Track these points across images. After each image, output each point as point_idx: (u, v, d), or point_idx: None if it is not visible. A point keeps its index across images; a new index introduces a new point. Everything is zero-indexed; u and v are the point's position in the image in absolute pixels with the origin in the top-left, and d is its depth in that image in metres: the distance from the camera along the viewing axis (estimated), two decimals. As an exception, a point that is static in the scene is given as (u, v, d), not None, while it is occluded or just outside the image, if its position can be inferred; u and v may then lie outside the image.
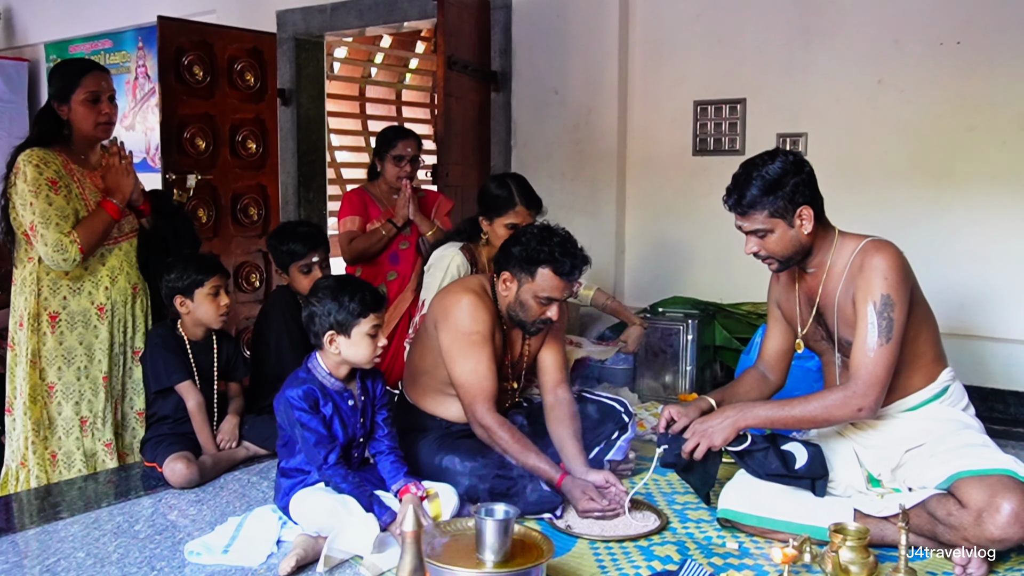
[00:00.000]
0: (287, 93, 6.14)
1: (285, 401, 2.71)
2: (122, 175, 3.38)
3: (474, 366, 2.84)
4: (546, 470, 2.75)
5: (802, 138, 4.60)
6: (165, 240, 3.59)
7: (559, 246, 2.83)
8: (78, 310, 3.37)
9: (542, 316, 2.88)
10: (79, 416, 3.37)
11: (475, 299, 2.90)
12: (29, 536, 2.73)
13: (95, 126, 3.38)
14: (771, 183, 2.56)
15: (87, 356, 3.39)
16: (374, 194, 4.27)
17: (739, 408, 2.67)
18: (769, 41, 4.69)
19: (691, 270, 5.00)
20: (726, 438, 2.63)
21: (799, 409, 2.59)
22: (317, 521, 2.53)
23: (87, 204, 3.32)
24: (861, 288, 2.55)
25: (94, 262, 3.39)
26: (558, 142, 5.23)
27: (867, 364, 2.51)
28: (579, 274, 2.88)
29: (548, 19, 5.18)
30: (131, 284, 3.49)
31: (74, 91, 3.33)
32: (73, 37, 7.43)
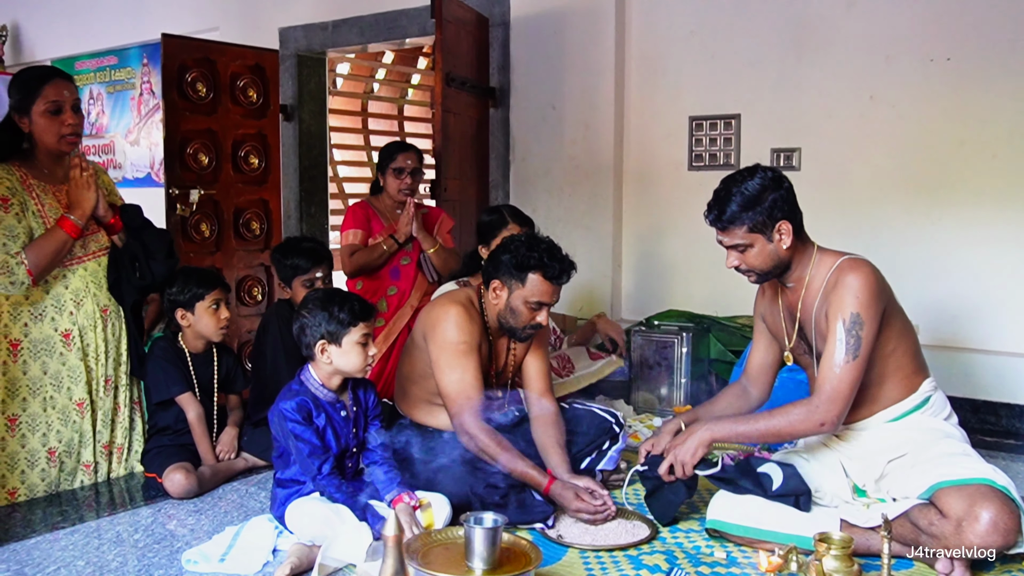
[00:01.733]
0: (289, 109, 6.21)
1: (279, 413, 2.76)
2: (83, 189, 3.17)
3: (461, 375, 2.90)
4: (534, 476, 2.81)
5: (795, 153, 4.65)
6: (136, 258, 3.40)
7: (546, 252, 2.92)
8: (40, 338, 3.19)
9: (532, 321, 2.95)
10: (46, 448, 3.22)
11: (462, 310, 2.97)
12: (30, 545, 2.78)
13: (59, 138, 3.17)
14: (750, 199, 2.61)
15: (54, 386, 3.22)
16: (377, 208, 4.32)
17: (706, 425, 2.73)
18: (763, 57, 4.75)
19: (686, 283, 5.04)
20: (696, 455, 2.69)
21: (764, 424, 2.64)
22: (311, 530, 2.58)
23: (46, 222, 3.14)
24: (833, 305, 2.60)
25: (57, 285, 3.21)
26: (555, 157, 5.29)
27: (832, 379, 2.56)
28: (567, 278, 2.96)
29: (546, 36, 5.25)
30: (99, 307, 3.30)
31: (34, 102, 3.12)
32: (79, 54, 7.52)
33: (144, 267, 3.39)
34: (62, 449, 3.25)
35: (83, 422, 3.28)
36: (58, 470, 3.25)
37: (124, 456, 3.44)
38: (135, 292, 3.42)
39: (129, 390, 3.45)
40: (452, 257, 4.27)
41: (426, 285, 4.28)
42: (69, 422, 3.25)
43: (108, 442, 3.39)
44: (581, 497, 2.76)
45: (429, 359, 2.97)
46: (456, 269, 4.29)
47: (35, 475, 3.21)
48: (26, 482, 3.19)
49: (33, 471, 3.20)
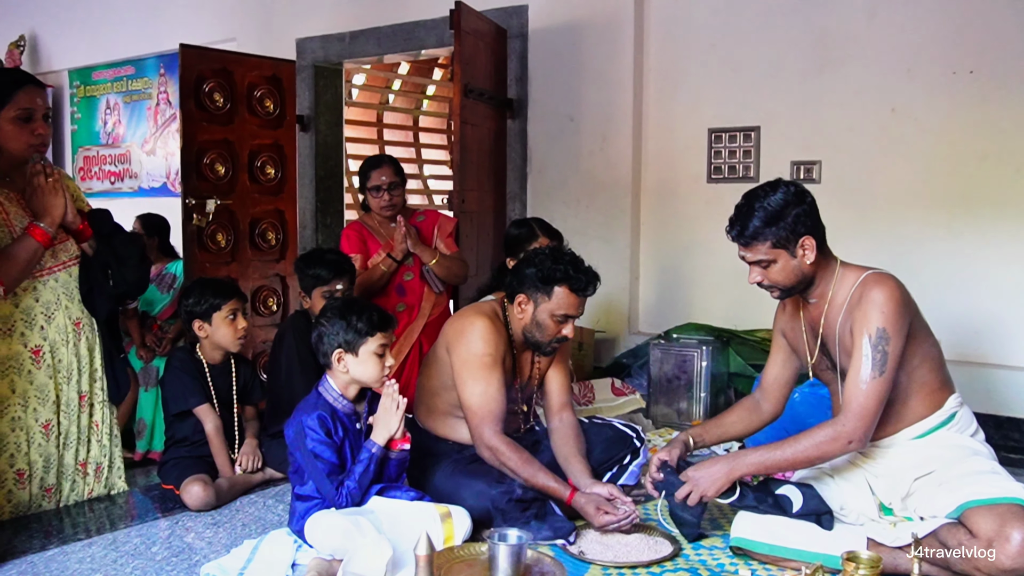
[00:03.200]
0: (306, 119, 6.21)
1: (299, 429, 2.74)
2: (50, 195, 2.99)
3: (484, 388, 2.88)
4: (556, 488, 2.79)
5: (816, 166, 4.62)
6: (108, 266, 3.24)
7: (571, 264, 2.91)
8: (9, 355, 3.03)
9: (558, 334, 2.93)
10: (15, 469, 3.07)
11: (487, 322, 2.96)
12: (48, 556, 2.76)
13: (27, 147, 3.01)
14: (773, 214, 2.58)
15: (22, 405, 3.07)
16: (370, 226, 4.23)
17: (732, 458, 2.68)
18: (783, 70, 4.73)
19: (704, 297, 5.01)
20: (719, 489, 2.65)
21: (791, 450, 2.59)
22: (331, 544, 2.55)
23: (12, 231, 2.99)
24: (858, 320, 2.56)
25: (26, 297, 3.05)
26: (573, 169, 5.27)
27: (858, 396, 2.52)
28: (593, 290, 2.94)
29: (564, 47, 5.24)
30: (71, 320, 3.17)
31: (4, 107, 2.95)
32: (96, 64, 7.56)
33: (117, 275, 3.25)
34: (31, 471, 3.11)
35: (48, 445, 3.14)
36: (27, 492, 3.10)
37: (104, 475, 3.33)
38: (109, 301, 3.28)
39: (107, 406, 3.33)
40: (455, 264, 4.21)
41: (434, 296, 4.23)
42: (35, 444, 3.11)
43: (84, 460, 3.27)
44: (603, 509, 2.73)
45: (452, 371, 2.95)
46: (462, 274, 4.27)
47: (1, 496, 3.05)
48: None
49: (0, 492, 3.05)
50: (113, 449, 3.37)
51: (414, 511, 2.66)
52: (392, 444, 2.75)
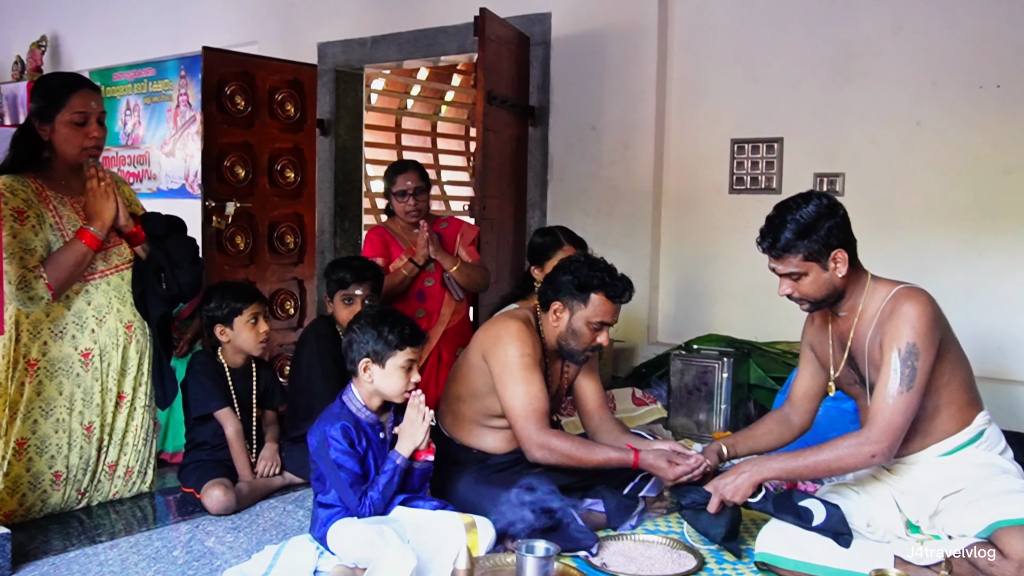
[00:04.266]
0: (326, 124, 6.22)
1: (322, 438, 2.73)
2: (101, 199, 3.01)
3: (527, 388, 2.87)
4: (619, 456, 2.83)
5: (839, 178, 4.60)
6: (161, 269, 3.22)
7: (607, 271, 2.92)
8: (59, 357, 3.04)
9: (593, 342, 2.93)
10: (53, 470, 3.08)
11: (523, 326, 2.97)
12: (69, 558, 2.76)
13: (81, 150, 3.04)
14: (805, 226, 2.56)
15: (67, 407, 3.08)
16: (394, 231, 4.23)
17: (755, 463, 2.68)
18: (806, 81, 4.71)
19: (724, 308, 4.99)
20: (744, 494, 2.64)
21: (812, 458, 2.58)
22: (355, 552, 2.54)
23: (64, 235, 3.00)
24: (888, 334, 2.55)
25: (78, 300, 3.06)
26: (594, 177, 5.26)
27: (885, 410, 2.50)
28: (628, 297, 2.95)
29: (586, 56, 5.23)
30: (123, 323, 3.17)
31: (60, 110, 2.99)
32: (117, 65, 7.58)
33: (170, 277, 3.21)
34: (68, 473, 3.12)
35: (89, 447, 3.15)
36: (61, 494, 3.12)
37: (133, 478, 3.32)
38: (162, 305, 3.26)
39: (148, 411, 3.32)
40: (476, 272, 4.20)
41: (455, 303, 4.23)
42: (76, 447, 3.12)
43: (114, 462, 3.25)
44: (675, 462, 2.77)
45: (488, 378, 2.95)
46: (483, 282, 4.26)
47: (35, 497, 3.06)
48: (24, 504, 3.04)
49: (33, 494, 3.05)
50: (148, 454, 3.36)
51: (438, 520, 2.64)
52: (416, 455, 2.74)
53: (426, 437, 2.73)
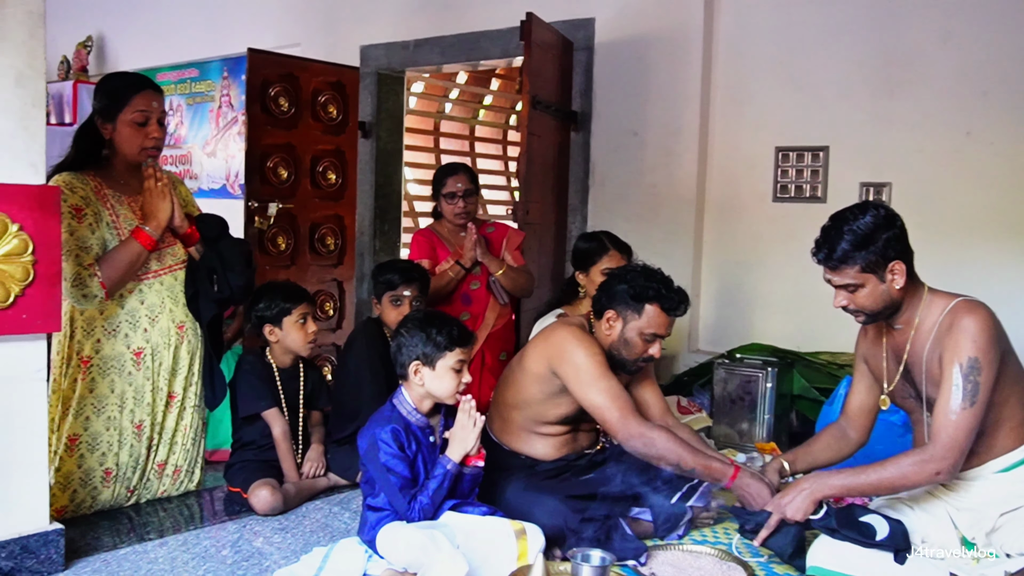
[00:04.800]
0: (367, 126, 6.24)
1: (372, 441, 2.73)
2: (158, 199, 3.03)
3: (607, 384, 2.86)
4: (719, 467, 2.80)
5: (886, 188, 4.56)
6: (213, 271, 3.23)
7: (664, 283, 2.90)
8: (112, 355, 3.07)
9: (645, 354, 2.92)
10: (103, 467, 3.11)
11: (582, 331, 2.97)
12: (120, 555, 2.78)
13: (140, 150, 3.08)
14: (862, 238, 2.54)
15: (118, 405, 3.11)
16: (441, 234, 4.24)
17: (814, 480, 2.65)
18: (853, 90, 4.67)
19: (766, 317, 4.96)
20: (805, 512, 2.61)
21: (875, 475, 2.55)
22: (406, 556, 2.54)
23: (120, 234, 3.03)
24: (949, 348, 2.51)
25: (132, 299, 3.09)
26: (635, 184, 5.24)
27: (948, 427, 2.47)
28: (683, 310, 2.93)
29: (630, 62, 5.22)
30: (175, 323, 3.19)
31: (122, 110, 3.03)
32: (161, 65, 7.65)
33: (222, 279, 3.23)
34: (118, 471, 3.15)
35: (140, 445, 3.18)
36: (111, 491, 3.15)
37: (180, 477, 3.34)
38: (214, 306, 3.28)
39: (198, 411, 3.34)
40: (521, 276, 4.20)
41: (499, 307, 4.23)
42: (127, 445, 3.15)
43: (163, 461, 3.27)
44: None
45: (552, 387, 2.94)
46: (528, 287, 4.25)
47: (85, 493, 3.09)
48: (75, 500, 3.07)
49: (84, 490, 3.08)
50: (196, 454, 3.38)
51: (488, 526, 2.63)
52: (467, 460, 2.74)
53: (477, 443, 2.72)
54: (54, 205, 2.57)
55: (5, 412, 2.53)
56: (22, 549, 2.55)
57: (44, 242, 2.53)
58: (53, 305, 2.57)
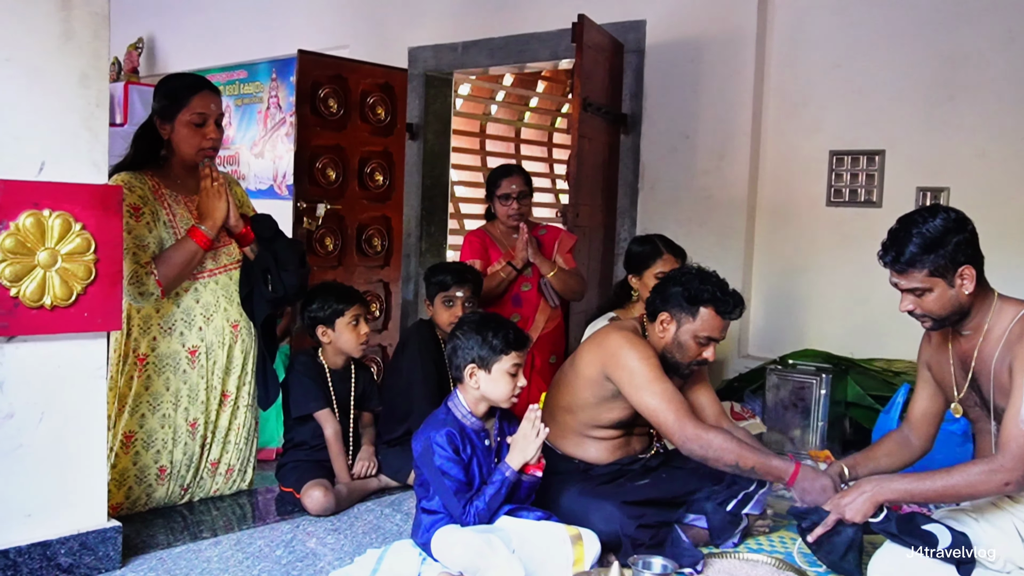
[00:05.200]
0: (415, 128, 6.25)
1: (426, 444, 2.72)
2: (214, 199, 3.07)
3: (663, 387, 2.83)
4: (780, 466, 2.75)
5: (944, 192, 4.47)
6: (268, 270, 3.25)
7: (719, 286, 2.87)
8: (168, 353, 3.10)
9: (699, 357, 2.87)
10: (158, 465, 3.14)
11: (635, 335, 2.94)
12: (175, 553, 2.80)
13: (197, 151, 3.12)
14: (932, 241, 2.47)
15: (173, 403, 3.13)
16: (493, 235, 4.25)
17: (877, 482, 2.59)
18: (911, 93, 4.58)
19: (818, 322, 4.88)
20: (865, 514, 2.55)
21: (941, 482, 2.48)
22: (462, 561, 2.52)
23: (176, 233, 3.07)
24: (1019, 357, 2.45)
25: (187, 298, 3.12)
26: (686, 187, 5.19)
27: (1018, 437, 2.40)
28: (739, 314, 2.89)
29: (681, 64, 5.17)
30: (230, 322, 3.22)
31: (181, 110, 3.07)
32: (210, 67, 7.72)
33: (276, 279, 3.24)
34: (172, 469, 3.18)
35: (193, 443, 3.20)
36: (166, 489, 3.18)
37: (233, 476, 3.36)
38: (267, 306, 3.29)
39: (251, 410, 3.36)
40: (573, 279, 4.18)
41: (549, 310, 4.21)
42: (181, 443, 3.17)
43: (217, 460, 3.29)
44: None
45: (606, 392, 2.91)
46: (579, 290, 4.22)
47: (141, 491, 3.12)
48: (130, 497, 3.10)
49: (139, 487, 3.11)
50: (248, 453, 3.39)
51: (544, 531, 2.61)
52: (526, 469, 2.71)
53: (538, 452, 2.70)
54: (116, 204, 2.59)
55: (66, 409, 2.56)
56: (81, 546, 2.57)
57: (106, 241, 2.55)
58: (114, 304, 2.59)
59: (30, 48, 2.44)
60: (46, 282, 2.44)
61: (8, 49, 2.40)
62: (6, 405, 2.44)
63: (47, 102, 2.47)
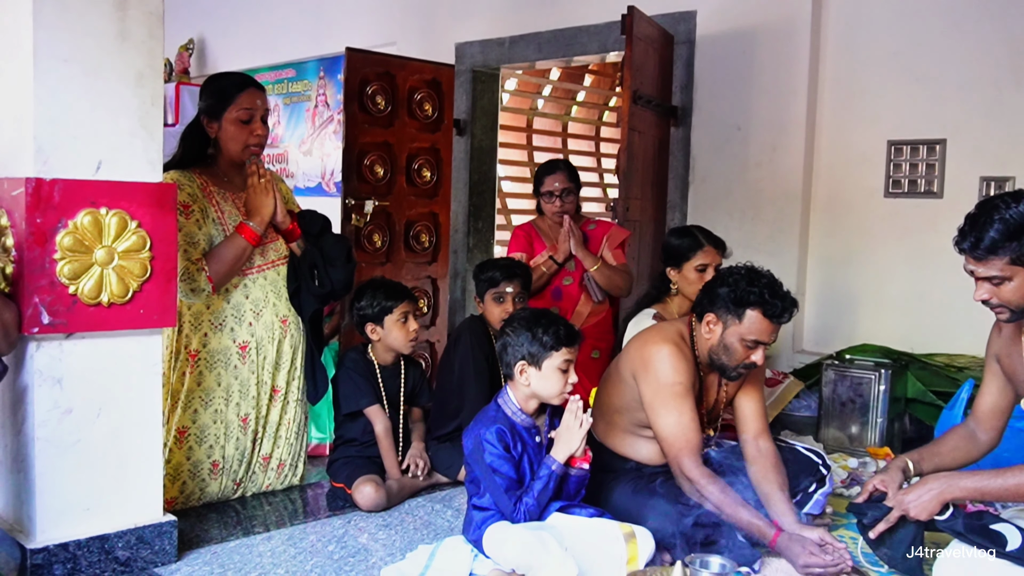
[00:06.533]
0: (462, 124, 6.24)
1: (476, 441, 2.69)
2: (261, 195, 3.10)
3: (678, 418, 2.75)
4: (760, 526, 2.62)
5: (1009, 182, 4.33)
6: (315, 266, 3.28)
7: (768, 288, 2.73)
8: (219, 348, 3.12)
9: (746, 360, 2.78)
10: (211, 460, 3.16)
11: (675, 349, 2.82)
12: (229, 548, 2.81)
13: (244, 148, 3.16)
14: (1015, 227, 2.36)
15: (224, 398, 3.15)
16: (541, 229, 4.23)
17: (944, 479, 2.50)
18: (974, 80, 4.45)
19: (876, 317, 4.77)
20: (930, 512, 2.47)
21: (1013, 479, 2.40)
22: (514, 558, 2.49)
23: (225, 229, 3.10)
24: None
25: (236, 294, 3.15)
26: (738, 180, 5.11)
27: None
28: (788, 317, 2.77)
29: (733, 54, 5.09)
30: (279, 317, 3.23)
31: (227, 108, 3.11)
32: (259, 66, 7.78)
33: (323, 274, 3.27)
34: (225, 464, 3.20)
35: (245, 438, 3.22)
36: (218, 484, 3.19)
37: (285, 471, 3.36)
38: (315, 301, 3.31)
39: (300, 405, 3.36)
40: (617, 274, 4.12)
41: (592, 304, 4.16)
42: (232, 438, 3.19)
43: (268, 455, 3.30)
44: (811, 552, 2.55)
45: (638, 396, 2.85)
46: (625, 286, 4.16)
47: (194, 485, 3.14)
48: (184, 492, 3.12)
49: (193, 482, 3.14)
50: (299, 448, 3.40)
51: (596, 529, 2.57)
52: (572, 462, 2.68)
53: (582, 444, 2.66)
54: (171, 203, 2.61)
55: (123, 405, 2.59)
56: (138, 539, 2.60)
57: (161, 239, 2.57)
58: (169, 301, 2.61)
59: (88, 48, 2.46)
60: (103, 279, 2.47)
61: (67, 49, 2.43)
62: (65, 401, 2.48)
63: (104, 101, 2.50)
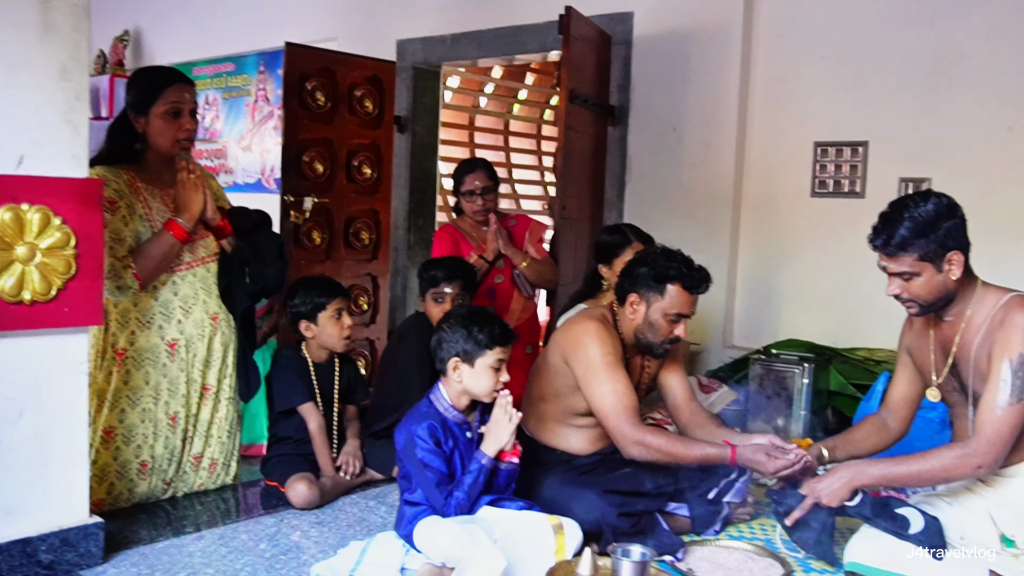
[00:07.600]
0: (403, 120, 6.25)
1: (408, 437, 2.73)
2: (190, 191, 3.07)
3: (612, 386, 2.85)
4: (716, 453, 2.76)
5: (926, 183, 4.48)
6: (246, 263, 3.26)
7: (684, 263, 2.92)
8: (147, 346, 3.09)
9: (671, 335, 2.90)
10: (139, 460, 3.12)
11: (600, 325, 2.95)
12: (158, 548, 2.80)
13: (173, 142, 3.12)
14: (923, 225, 2.49)
15: (153, 397, 3.12)
16: (463, 229, 4.26)
17: (854, 467, 2.63)
18: (897, 84, 4.59)
19: (802, 313, 4.89)
20: (841, 499, 2.60)
21: (916, 466, 2.53)
22: (444, 551, 2.53)
23: (153, 226, 3.07)
24: (999, 343, 2.48)
25: (165, 291, 3.12)
26: (673, 179, 5.20)
27: (993, 422, 2.44)
28: (705, 288, 2.94)
29: (668, 56, 5.17)
30: (209, 314, 3.21)
31: (154, 103, 3.07)
32: (197, 60, 7.70)
33: (255, 271, 3.27)
34: (154, 463, 3.17)
35: (175, 437, 3.20)
36: (148, 484, 3.17)
37: (217, 470, 3.35)
38: (246, 298, 3.31)
39: (232, 403, 3.35)
40: (546, 268, 4.20)
41: (523, 300, 4.23)
42: (162, 437, 3.17)
43: (200, 454, 3.29)
44: (774, 455, 2.70)
45: (570, 380, 2.94)
46: (553, 279, 4.23)
47: (122, 486, 3.11)
48: (112, 493, 3.08)
49: (121, 483, 3.10)
50: (232, 447, 3.39)
51: (526, 521, 2.63)
52: (502, 456, 2.73)
53: (512, 438, 2.72)
54: (96, 198, 2.59)
55: (47, 406, 2.56)
56: (62, 542, 2.57)
57: (86, 235, 2.55)
58: (95, 298, 2.60)
59: (9, 41, 2.43)
60: (25, 277, 2.45)
61: (-14, 43, 2.40)
62: (-14, 401, 2.45)
63: (26, 95, 2.46)
